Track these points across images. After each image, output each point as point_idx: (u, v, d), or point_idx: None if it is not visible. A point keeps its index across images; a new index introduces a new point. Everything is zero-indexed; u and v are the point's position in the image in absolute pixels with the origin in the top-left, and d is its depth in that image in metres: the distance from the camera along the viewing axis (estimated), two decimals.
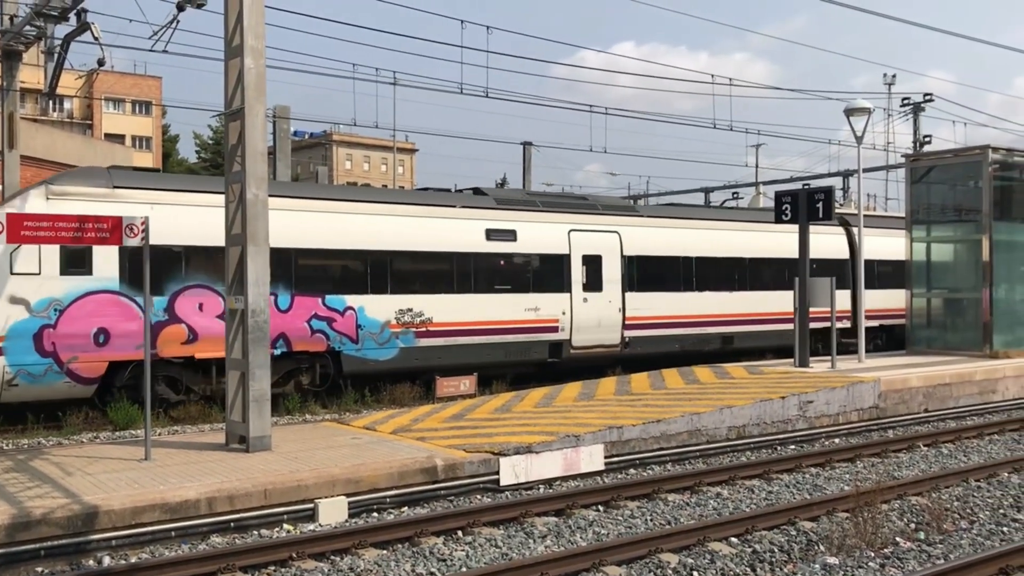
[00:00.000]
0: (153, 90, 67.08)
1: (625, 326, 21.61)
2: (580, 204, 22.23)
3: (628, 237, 22.01)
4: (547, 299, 20.46)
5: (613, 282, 21.52)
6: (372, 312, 18.17)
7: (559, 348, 20.62)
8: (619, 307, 21.54)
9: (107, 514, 8.68)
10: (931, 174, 22.91)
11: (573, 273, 20.91)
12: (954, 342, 22.03)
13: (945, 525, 9.49)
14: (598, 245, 21.34)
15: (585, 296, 21.08)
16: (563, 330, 20.62)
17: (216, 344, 15.84)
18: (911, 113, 39.99)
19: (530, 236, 20.47)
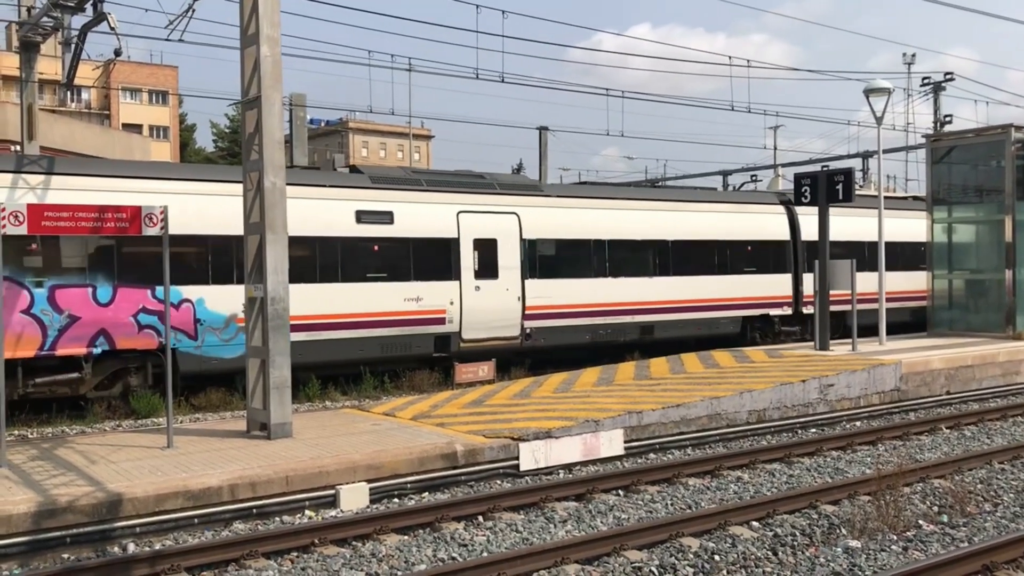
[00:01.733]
0: (170, 80, 67.27)
1: (526, 316, 19.70)
2: (473, 183, 20.13)
3: (529, 219, 20.07)
4: (432, 288, 18.52)
5: (511, 268, 19.61)
6: (214, 305, 16.19)
7: (447, 341, 18.74)
8: (518, 296, 19.62)
9: (131, 501, 8.76)
10: (952, 154, 22.70)
11: (463, 259, 18.98)
12: (976, 324, 21.86)
13: (969, 508, 9.43)
14: (493, 228, 19.39)
15: (477, 284, 19.23)
16: (451, 322, 18.74)
17: (24, 344, 14.41)
18: (931, 93, 39.53)
19: (410, 218, 18.49)
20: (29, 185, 15.03)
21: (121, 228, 10.60)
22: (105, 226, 10.54)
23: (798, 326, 23.97)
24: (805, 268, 23.60)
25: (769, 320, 23.39)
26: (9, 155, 15.71)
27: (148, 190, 15.61)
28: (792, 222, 24.25)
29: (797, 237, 23.95)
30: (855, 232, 24.01)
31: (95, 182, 15.61)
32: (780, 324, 23.65)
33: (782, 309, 23.66)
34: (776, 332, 23.45)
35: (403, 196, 18.78)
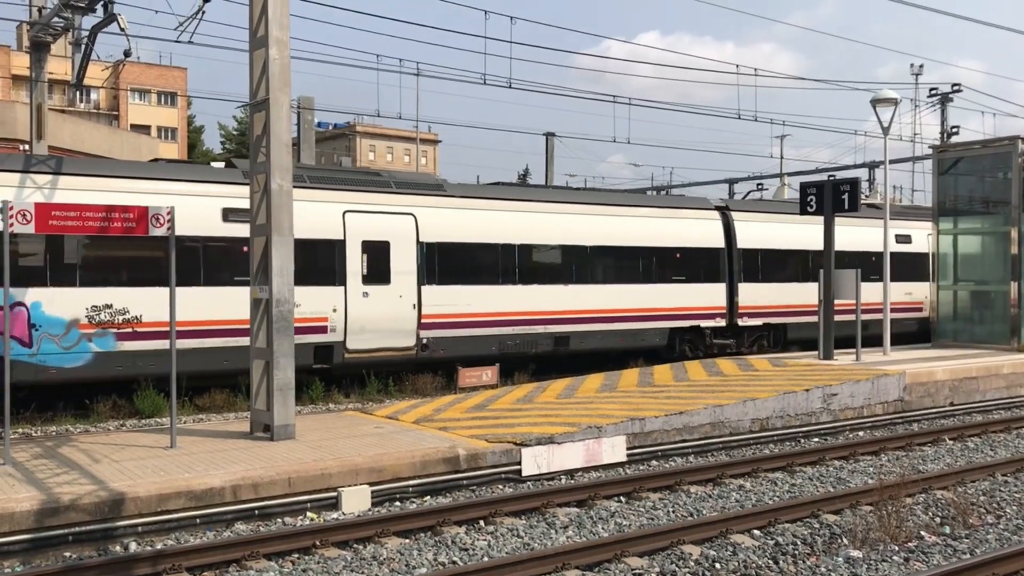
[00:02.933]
0: (178, 81, 67.52)
1: (422, 325, 18.29)
2: (363, 181, 18.67)
3: (428, 220, 18.67)
4: (311, 293, 16.93)
5: (405, 273, 18.21)
6: (53, 309, 14.91)
7: (329, 352, 17.37)
8: (413, 303, 18.25)
9: (133, 501, 8.78)
10: (959, 165, 22.68)
11: (349, 262, 17.57)
12: (981, 335, 21.83)
13: (971, 519, 9.41)
14: (385, 229, 17.96)
15: (366, 290, 17.78)
16: (335, 330, 17.35)
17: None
18: (939, 104, 39.53)
19: None
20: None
21: (128, 228, 10.65)
22: (112, 226, 10.58)
23: (732, 339, 22.89)
24: (741, 277, 22.85)
25: (700, 333, 22.36)
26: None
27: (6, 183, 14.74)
28: (728, 229, 23.06)
29: (733, 245, 22.91)
30: (783, 240, 23.65)
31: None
32: (713, 337, 22.51)
33: (715, 321, 22.48)
34: (708, 345, 22.40)
35: None
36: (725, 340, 22.71)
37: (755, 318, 23.17)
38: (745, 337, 23.05)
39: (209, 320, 16.11)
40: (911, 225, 26.65)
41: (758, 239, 23.46)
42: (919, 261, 26.02)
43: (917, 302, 26.16)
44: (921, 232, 26.15)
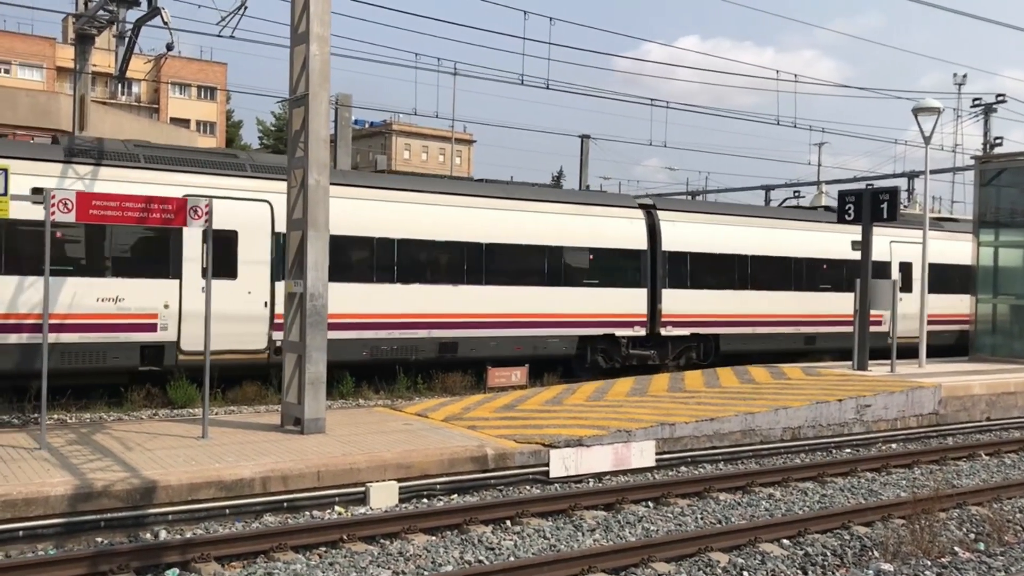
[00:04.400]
0: (218, 76, 68.22)
1: (276, 326, 15.99)
2: (211, 162, 16.64)
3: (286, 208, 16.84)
4: (138, 286, 15.19)
5: (256, 267, 16.21)
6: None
7: (159, 353, 15.53)
8: (265, 300, 16.27)
9: (164, 489, 8.87)
10: (1002, 176, 22.33)
11: (186, 252, 15.64)
12: (1021, 350, 21.47)
13: (1007, 537, 9.24)
14: (232, 216, 15.83)
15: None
16: (166, 329, 15.49)
17: None
18: (982, 114, 38.93)
19: None
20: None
21: (167, 220, 10.76)
22: (151, 217, 10.70)
23: (654, 349, 20.90)
24: (666, 283, 20.95)
25: (616, 342, 20.46)
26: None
27: None
28: (652, 229, 21.10)
29: (657, 247, 20.97)
30: (712, 243, 21.89)
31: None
32: (630, 347, 20.57)
33: (633, 329, 20.45)
34: (625, 356, 20.49)
35: (107, 173, 15.29)
36: (645, 351, 20.75)
37: (681, 327, 21.17)
38: (669, 348, 21.17)
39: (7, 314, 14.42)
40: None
41: (688, 242, 21.48)
42: (879, 270, 23.55)
43: (876, 315, 23.04)
44: (882, 239, 24.11)
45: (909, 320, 24.06)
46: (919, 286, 23.57)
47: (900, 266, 24.44)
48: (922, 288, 19.83)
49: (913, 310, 23.96)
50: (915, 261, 24.22)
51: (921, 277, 19.93)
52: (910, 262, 24.61)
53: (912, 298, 23.98)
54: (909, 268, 24.66)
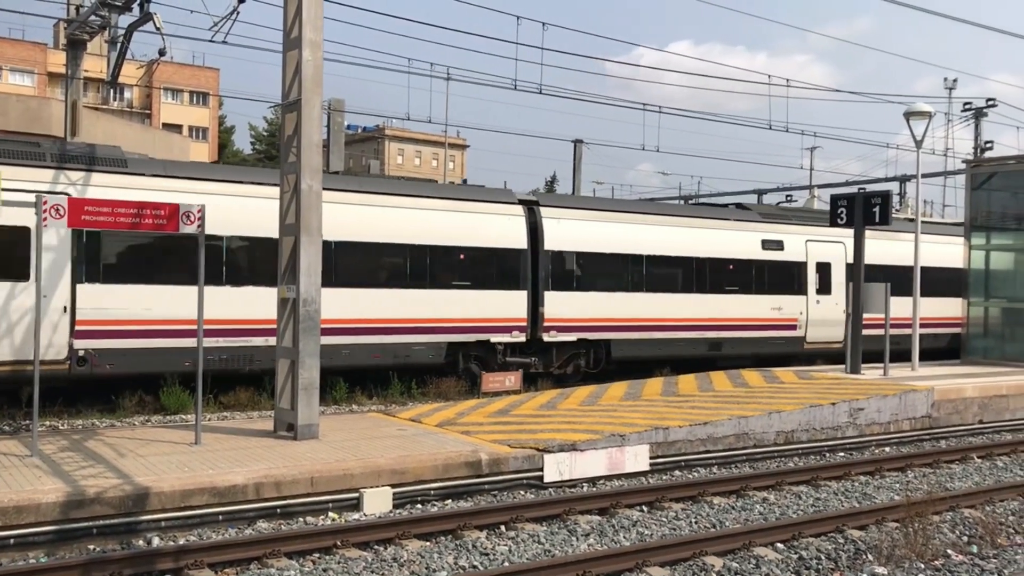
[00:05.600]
0: (211, 81, 68.15)
1: (78, 333, 14.83)
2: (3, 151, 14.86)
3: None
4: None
5: (52, 268, 14.69)
6: None
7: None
8: (64, 305, 14.79)
9: (157, 496, 8.84)
10: (992, 180, 22.44)
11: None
12: (1012, 353, 21.53)
13: (999, 540, 9.26)
14: (23, 212, 13.83)
15: None
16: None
17: None
18: (973, 118, 39.10)
19: None
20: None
21: (159, 225, 10.73)
22: (143, 222, 10.67)
23: (536, 356, 19.50)
24: (550, 285, 19.46)
25: (492, 349, 19.01)
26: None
27: None
28: (534, 227, 19.60)
29: (539, 246, 19.46)
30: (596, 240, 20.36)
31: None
32: (508, 354, 19.18)
33: (511, 335, 18.97)
34: (502, 364, 19.02)
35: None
36: (525, 358, 19.32)
37: (567, 332, 19.69)
38: (554, 354, 19.73)
39: None
40: (783, 230, 23.25)
41: (575, 240, 20.01)
42: (793, 271, 22.98)
43: (789, 318, 22.81)
44: (797, 238, 23.21)
45: (829, 326, 23.16)
46: (838, 289, 23.15)
47: (817, 266, 23.33)
48: (914, 291, 19.80)
49: (832, 315, 23.14)
50: (833, 261, 23.48)
51: (913, 280, 19.86)
52: (828, 262, 23.49)
53: (830, 301, 23.28)
54: (827, 269, 23.48)
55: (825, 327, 23.23)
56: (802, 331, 22.93)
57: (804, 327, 22.94)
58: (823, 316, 23.18)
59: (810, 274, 23.13)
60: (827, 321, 23.16)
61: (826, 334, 23.34)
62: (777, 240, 22.90)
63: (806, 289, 23.00)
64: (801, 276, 23.04)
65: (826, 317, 23.16)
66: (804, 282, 23.02)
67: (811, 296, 23.06)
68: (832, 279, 23.54)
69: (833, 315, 23.28)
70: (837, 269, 23.60)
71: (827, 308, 23.19)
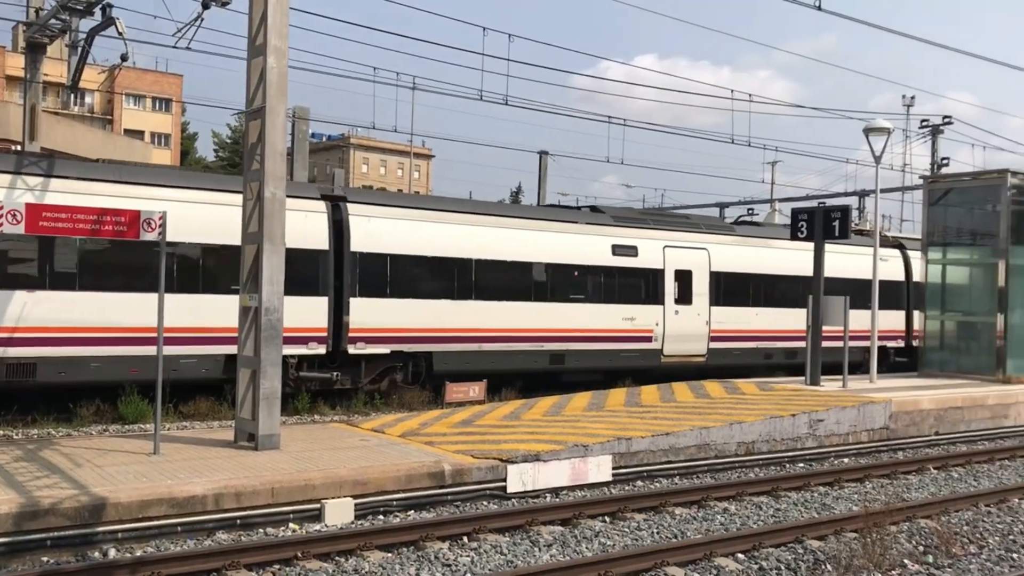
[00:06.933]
0: (174, 87, 67.50)
1: None
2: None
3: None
4: None
5: None
6: None
7: None
8: None
9: (114, 507, 8.70)
10: (949, 196, 22.83)
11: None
12: (967, 366, 21.89)
13: (954, 549, 9.41)
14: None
15: None
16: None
17: None
18: (930, 135, 39.82)
19: None
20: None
21: (119, 232, 10.60)
22: (103, 229, 10.53)
23: (339, 371, 17.56)
24: (357, 291, 17.52)
25: (283, 362, 16.81)
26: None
27: None
28: (339, 225, 17.68)
29: (345, 247, 17.55)
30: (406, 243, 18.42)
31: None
32: (304, 367, 17.17)
33: (307, 347, 16.91)
34: (295, 379, 17.01)
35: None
36: (326, 372, 17.32)
37: (378, 344, 17.74)
38: (362, 368, 17.86)
39: None
40: (638, 234, 21.74)
41: (389, 242, 18.06)
42: (649, 279, 21.57)
43: (643, 330, 21.38)
44: (653, 243, 21.78)
45: (689, 339, 21.89)
46: (700, 299, 21.92)
47: (676, 274, 21.88)
48: (872, 304, 19.98)
49: (693, 327, 21.90)
50: (695, 269, 22.17)
51: (872, 293, 20.03)
52: (689, 270, 22.13)
53: (691, 311, 21.98)
54: (688, 277, 22.10)
55: (685, 340, 21.87)
56: (659, 344, 21.49)
57: (661, 339, 21.53)
58: (682, 328, 21.82)
59: (668, 282, 21.68)
60: (687, 333, 21.86)
61: (686, 347, 21.94)
62: (630, 245, 21.38)
63: (663, 298, 21.56)
64: (658, 284, 21.59)
65: (686, 329, 21.83)
66: (661, 291, 21.60)
67: (669, 306, 21.64)
68: (693, 288, 22.17)
69: (694, 327, 22.01)
70: (699, 277, 22.25)
71: (687, 319, 21.91)
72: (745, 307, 23.04)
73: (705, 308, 22.17)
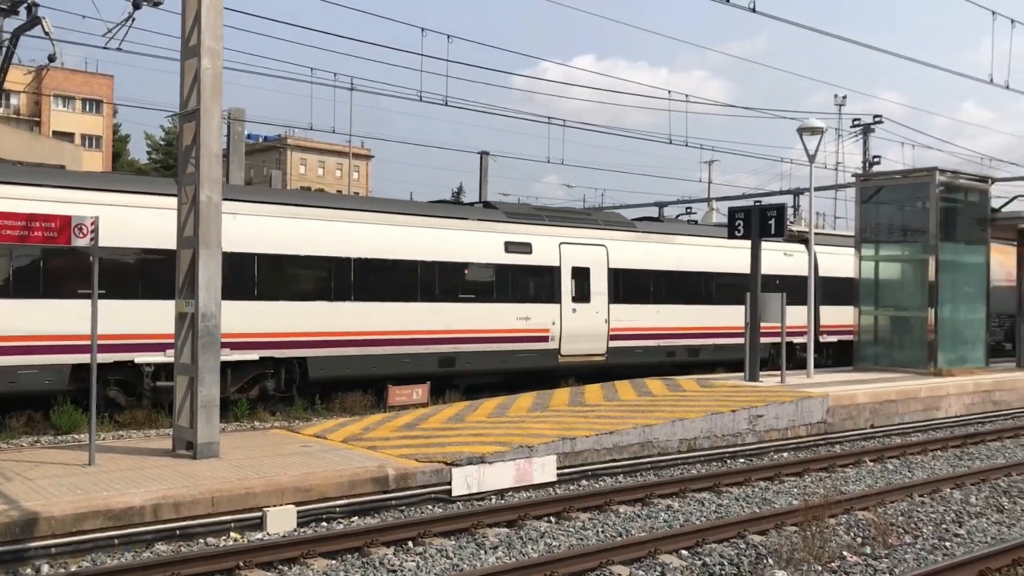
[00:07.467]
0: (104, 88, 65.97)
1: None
2: None
3: None
4: None
5: None
6: None
7: None
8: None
9: (47, 521, 8.45)
10: (880, 194, 23.37)
11: None
12: (900, 359, 22.44)
13: (890, 539, 9.63)
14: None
15: None
16: None
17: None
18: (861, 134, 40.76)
19: None
20: None
21: (49, 238, 10.30)
22: (32, 235, 10.22)
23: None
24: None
25: (137, 371, 15.82)
26: None
27: None
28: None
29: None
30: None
31: None
32: (164, 376, 15.75)
33: (165, 354, 15.42)
34: (152, 389, 15.86)
35: None
36: (169, 382, 14.65)
37: (244, 350, 16.72)
38: (228, 376, 16.32)
39: None
40: (532, 231, 21.11)
41: (253, 240, 17.05)
42: (544, 277, 20.97)
43: (540, 330, 20.71)
44: (548, 240, 21.17)
45: (588, 339, 21.36)
46: (599, 297, 21.41)
47: (573, 272, 21.35)
48: (809, 301, 20.30)
49: (592, 325, 21.41)
50: (593, 266, 21.62)
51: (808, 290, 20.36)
52: (587, 267, 21.58)
53: (589, 310, 21.45)
54: (586, 274, 21.58)
55: (583, 339, 21.36)
56: (556, 343, 20.87)
57: (558, 339, 20.93)
58: (581, 327, 21.29)
59: (565, 280, 21.12)
60: (585, 332, 21.36)
61: (585, 347, 21.41)
62: (524, 242, 20.72)
63: (560, 297, 21.00)
64: (554, 282, 20.97)
65: (584, 328, 21.31)
66: (557, 289, 21.01)
67: (566, 305, 21.11)
68: (591, 286, 21.66)
69: (592, 326, 21.50)
70: (598, 275, 21.70)
71: (585, 318, 21.39)
72: (646, 304, 22.61)
73: (604, 306, 21.74)
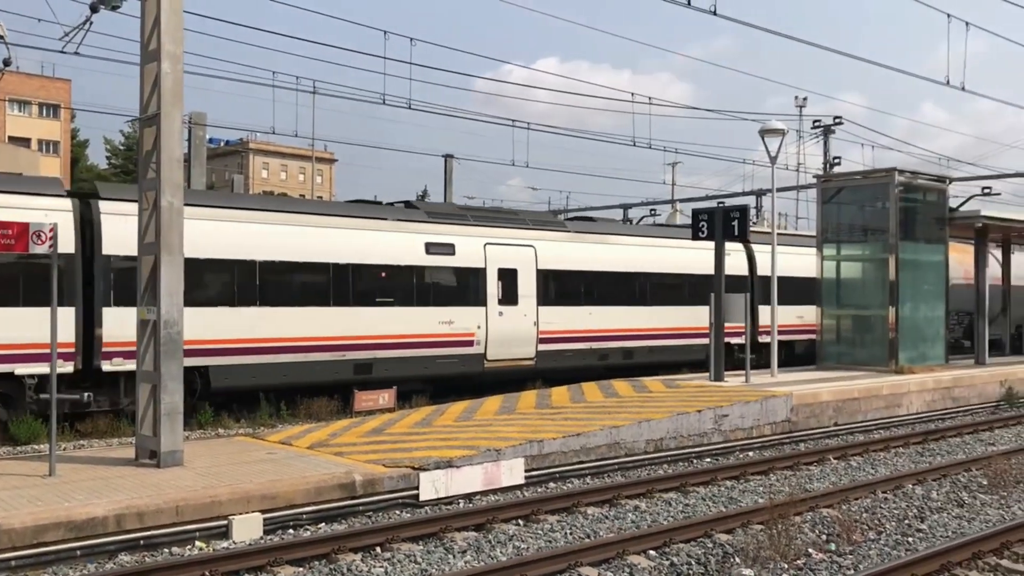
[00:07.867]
0: (62, 93, 64.96)
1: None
2: None
3: None
4: None
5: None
6: None
7: None
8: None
9: (7, 533, 8.30)
10: (841, 195, 23.68)
11: None
12: (862, 358, 22.72)
13: (855, 536, 9.74)
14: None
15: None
16: None
17: None
18: (822, 135, 41.23)
19: None
20: None
21: (7, 245, 10.13)
22: None
23: (92, 391, 15.09)
24: (111, 299, 15.59)
25: (20, 384, 14.96)
26: None
27: None
28: (90, 227, 15.82)
29: (97, 251, 15.70)
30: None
31: None
32: (37, 390, 14.83)
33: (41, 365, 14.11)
34: (35, 401, 14.95)
35: None
36: (75, 394, 14.23)
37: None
38: (122, 387, 15.86)
39: None
40: (455, 231, 20.40)
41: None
42: (469, 279, 20.32)
43: (464, 334, 20.08)
44: (473, 240, 20.48)
45: (516, 342, 20.74)
46: (527, 299, 20.94)
47: (500, 273, 20.67)
48: (772, 301, 20.42)
49: (520, 329, 20.82)
50: (521, 267, 21.01)
51: (770, 289, 20.44)
52: (514, 268, 20.92)
53: (517, 312, 20.81)
54: (513, 276, 20.90)
55: (511, 343, 20.72)
56: (481, 348, 20.21)
57: (484, 343, 20.26)
58: (508, 330, 20.63)
59: (490, 282, 20.42)
60: (513, 336, 20.73)
61: (512, 351, 20.77)
62: (447, 243, 19.99)
63: (485, 299, 20.32)
64: (479, 284, 20.27)
65: (512, 331, 20.69)
66: (483, 291, 20.33)
67: (492, 307, 20.44)
68: (519, 288, 20.96)
69: (520, 329, 20.86)
70: (525, 276, 21.04)
71: (513, 321, 20.73)
72: (577, 306, 21.99)
73: (532, 308, 21.12)
